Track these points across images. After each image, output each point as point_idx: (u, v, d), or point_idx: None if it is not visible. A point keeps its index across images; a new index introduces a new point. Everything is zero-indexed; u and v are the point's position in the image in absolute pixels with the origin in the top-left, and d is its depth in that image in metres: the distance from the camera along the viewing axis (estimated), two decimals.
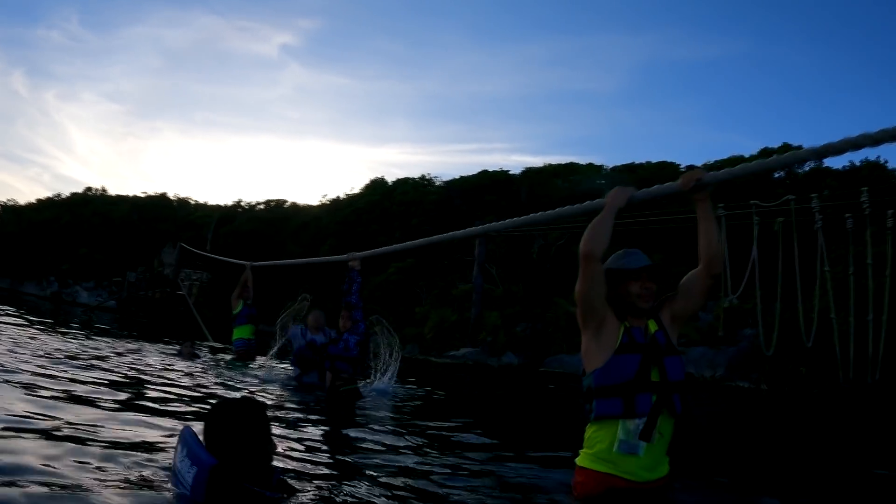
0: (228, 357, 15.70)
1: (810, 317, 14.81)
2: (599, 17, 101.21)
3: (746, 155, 34.66)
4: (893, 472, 7.88)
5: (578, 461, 4.63)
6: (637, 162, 39.14)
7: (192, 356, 14.98)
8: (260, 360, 15.12)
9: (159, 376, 10.85)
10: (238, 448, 3.71)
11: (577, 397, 4.72)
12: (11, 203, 69.05)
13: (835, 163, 32.92)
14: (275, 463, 4.24)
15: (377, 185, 44.30)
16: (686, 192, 4.81)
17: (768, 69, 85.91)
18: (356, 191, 45.09)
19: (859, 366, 14.51)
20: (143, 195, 63.50)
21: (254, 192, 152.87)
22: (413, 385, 14.15)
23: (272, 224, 44.77)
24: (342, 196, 45.67)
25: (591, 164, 40.08)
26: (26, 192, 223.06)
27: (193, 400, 8.57)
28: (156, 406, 7.68)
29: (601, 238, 4.61)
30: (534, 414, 12.43)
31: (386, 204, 40.79)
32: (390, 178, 45.54)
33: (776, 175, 32.75)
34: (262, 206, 50.86)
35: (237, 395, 9.71)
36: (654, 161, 38.11)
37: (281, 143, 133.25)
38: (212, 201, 57.72)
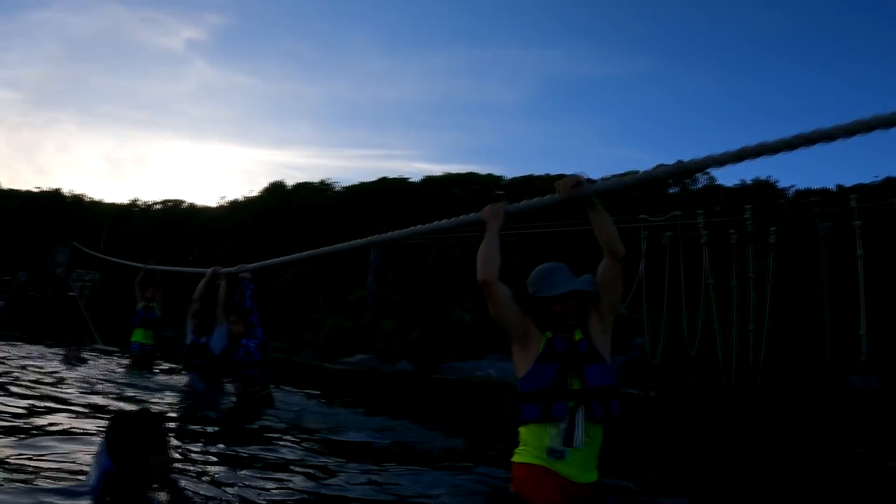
0: (125, 362, 15.19)
1: (695, 327, 15.42)
2: (507, 30, 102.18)
3: (641, 170, 35.47)
4: (775, 470, 8.30)
5: (515, 458, 4.82)
6: (536, 174, 39.63)
7: (77, 361, 14.27)
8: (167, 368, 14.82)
9: (38, 384, 10.43)
10: (132, 458, 3.76)
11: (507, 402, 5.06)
12: None
13: (726, 180, 33.93)
14: (181, 477, 4.35)
15: (276, 189, 43.90)
16: (568, 200, 5.08)
17: (666, 89, 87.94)
18: (255, 193, 44.68)
19: (741, 374, 15.16)
20: (36, 190, 61.79)
21: (151, 191, 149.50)
22: (315, 392, 14.17)
23: (169, 225, 44.06)
24: (241, 198, 45.21)
25: (490, 175, 40.46)
26: None
27: (77, 412, 8.23)
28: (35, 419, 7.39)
29: (492, 262, 4.91)
30: (452, 420, 12.60)
31: (285, 208, 40.47)
32: (292, 182, 45.21)
33: (670, 191, 33.57)
34: (158, 206, 49.98)
35: (126, 406, 9.33)
36: (552, 174, 38.64)
37: (182, 141, 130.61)
38: (108, 199, 56.39)
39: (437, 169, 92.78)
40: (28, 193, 60.60)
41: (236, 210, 43.11)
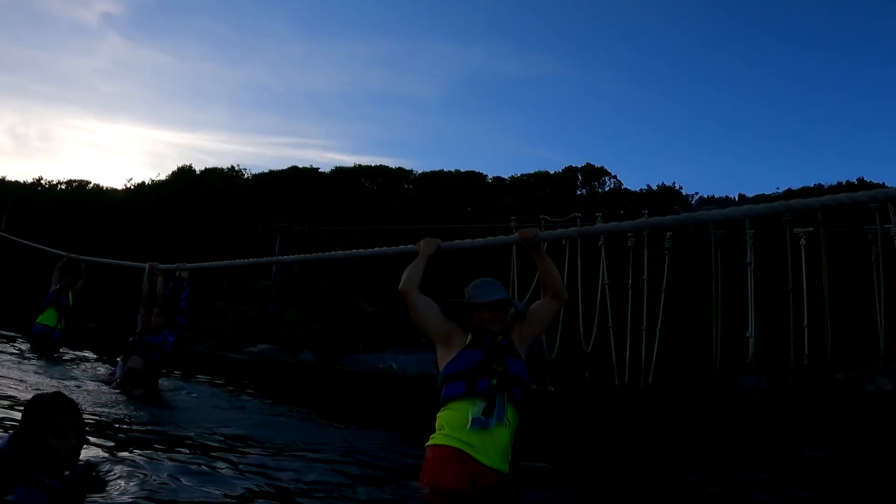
0: (24, 347, 14.73)
1: (591, 325, 15.86)
2: (428, 23, 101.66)
3: (552, 171, 35.82)
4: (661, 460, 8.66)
5: (429, 442, 5.19)
6: (446, 169, 39.79)
7: None
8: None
9: None
10: (25, 437, 3.83)
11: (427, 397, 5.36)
12: None
13: (632, 185, 34.45)
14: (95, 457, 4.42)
15: (184, 173, 43.06)
16: (524, 246, 5.87)
17: (582, 91, 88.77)
18: (163, 177, 43.90)
19: (634, 371, 15.65)
20: None
21: (57, 170, 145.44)
22: (209, 380, 14.10)
23: (75, 206, 43.01)
24: (147, 182, 44.36)
25: (400, 169, 40.44)
26: None
27: None
28: None
29: (415, 280, 5.57)
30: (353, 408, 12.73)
31: (193, 193, 39.92)
32: (201, 166, 44.44)
33: (578, 192, 34.04)
34: (63, 186, 48.81)
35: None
36: (462, 170, 38.81)
37: (91, 119, 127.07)
38: (10, 177, 54.79)
39: (349, 160, 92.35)
40: None
41: (142, 193, 42.22)
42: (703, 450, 10.32)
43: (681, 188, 33.39)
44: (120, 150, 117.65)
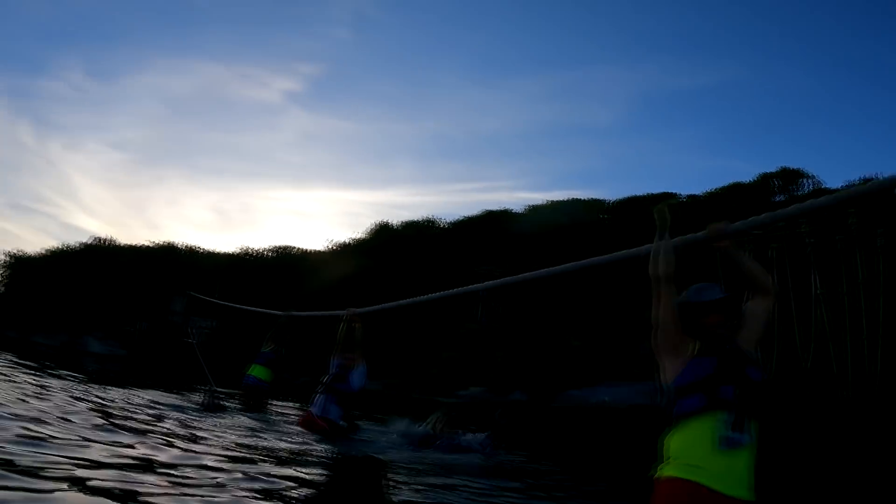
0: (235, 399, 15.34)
1: (808, 338, 15.10)
2: (594, 49, 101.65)
3: (745, 181, 34.79)
4: None
5: (660, 473, 4.49)
6: (638, 194, 39.19)
7: (217, 408, 13.73)
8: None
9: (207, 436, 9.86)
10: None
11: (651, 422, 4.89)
12: (19, 254, 69.34)
13: (833, 182, 32.97)
14: None
15: (382, 229, 44.40)
16: (712, 241, 5.55)
17: (761, 92, 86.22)
18: (361, 235, 45.27)
19: (858, 383, 14.75)
20: (150, 244, 63.72)
21: (261, 239, 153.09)
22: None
23: (281, 270, 44.91)
24: (348, 241, 45.85)
25: (594, 199, 40.17)
26: (34, 242, 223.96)
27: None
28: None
29: (673, 263, 4.99)
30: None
31: (391, 248, 40.94)
32: (396, 219, 45.69)
33: (776, 199, 32.73)
34: (269, 253, 50.99)
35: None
36: (654, 193, 38.17)
37: (285, 188, 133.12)
38: (220, 249, 57.75)
39: (539, 197, 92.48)
40: (142, 248, 62.55)
41: (344, 252, 43.69)
42: None
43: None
44: (317, 214, 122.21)
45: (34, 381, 14.92)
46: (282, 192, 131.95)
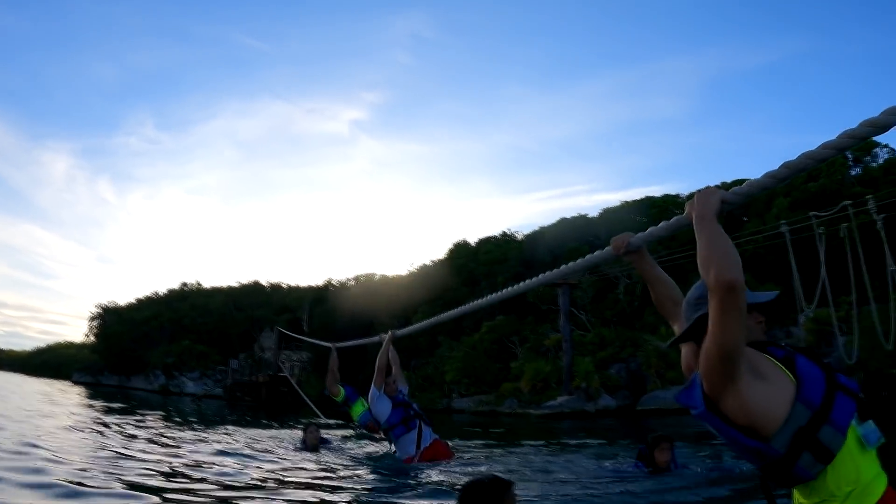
0: (353, 436, 15.27)
1: (889, 319, 14.83)
2: (655, 42, 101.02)
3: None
4: None
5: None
6: (712, 184, 38.96)
7: (318, 443, 13.01)
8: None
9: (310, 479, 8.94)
10: None
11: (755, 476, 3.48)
12: (112, 305, 71.29)
13: None
14: None
15: (461, 248, 44.72)
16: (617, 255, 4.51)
17: (827, 62, 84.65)
18: (441, 256, 45.67)
19: None
20: (237, 284, 65.17)
21: (344, 269, 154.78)
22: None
23: (363, 298, 45.52)
24: (428, 263, 46.31)
25: (666, 195, 39.92)
26: (124, 292, 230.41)
27: None
28: None
29: (735, 256, 3.09)
30: None
31: (472, 266, 41.35)
32: (476, 236, 45.92)
33: (852, 171, 32.03)
34: (352, 283, 51.68)
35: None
36: (728, 180, 37.85)
37: (363, 217, 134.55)
38: (303, 283, 58.97)
39: (615, 198, 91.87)
40: (230, 288, 63.97)
41: (425, 274, 44.13)
42: None
43: None
44: (397, 238, 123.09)
45: (132, 432, 15.19)
46: (360, 220, 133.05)
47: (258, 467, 9.68)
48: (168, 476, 7.95)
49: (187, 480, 7.68)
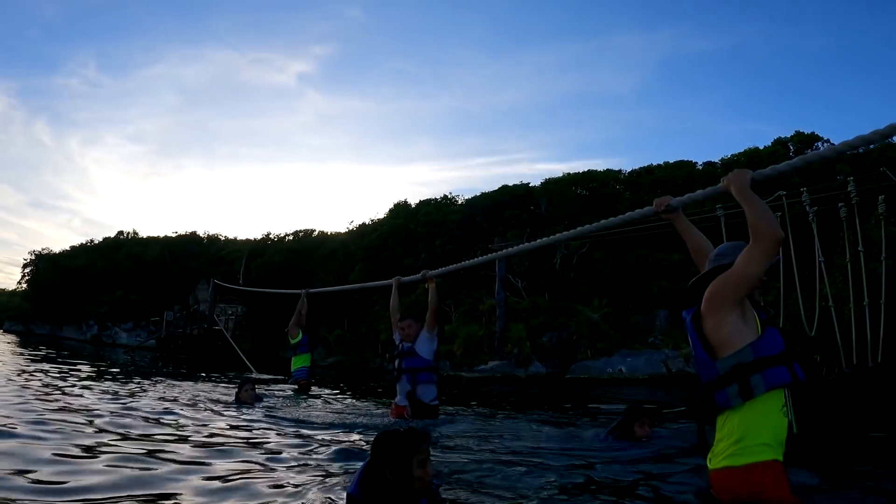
0: (288, 391, 15.05)
1: (813, 307, 15.31)
2: (610, 17, 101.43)
3: (761, 146, 34.96)
4: None
5: (742, 460, 3.98)
6: (654, 163, 39.36)
7: (252, 400, 12.34)
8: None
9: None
10: (384, 475, 4.03)
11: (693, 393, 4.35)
12: (45, 251, 70.39)
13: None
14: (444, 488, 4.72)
15: (400, 209, 44.83)
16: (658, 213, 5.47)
17: (779, 53, 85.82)
18: (381, 216, 45.75)
19: (861, 351, 14.97)
20: (173, 235, 64.79)
21: (282, 224, 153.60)
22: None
23: (302, 254, 45.48)
24: (368, 221, 46.37)
25: (608, 170, 40.37)
26: (58, 238, 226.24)
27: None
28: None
29: (773, 218, 4.23)
30: None
31: (410, 226, 41.43)
32: (416, 197, 46.15)
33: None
34: (290, 238, 51.61)
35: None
36: (671, 161, 38.39)
37: (305, 172, 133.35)
38: (241, 236, 58.69)
39: (558, 168, 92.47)
40: (166, 238, 63.48)
41: (364, 233, 44.18)
42: None
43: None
44: (337, 195, 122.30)
45: (63, 379, 15.12)
46: (301, 175, 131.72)
47: (188, 422, 9.44)
48: (96, 431, 7.82)
49: (113, 436, 7.52)
